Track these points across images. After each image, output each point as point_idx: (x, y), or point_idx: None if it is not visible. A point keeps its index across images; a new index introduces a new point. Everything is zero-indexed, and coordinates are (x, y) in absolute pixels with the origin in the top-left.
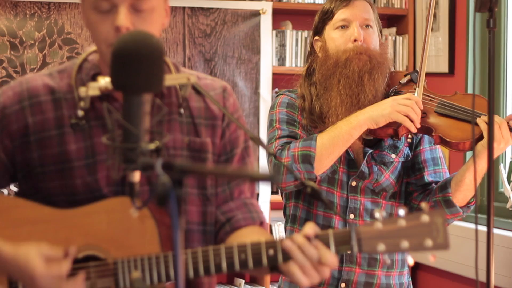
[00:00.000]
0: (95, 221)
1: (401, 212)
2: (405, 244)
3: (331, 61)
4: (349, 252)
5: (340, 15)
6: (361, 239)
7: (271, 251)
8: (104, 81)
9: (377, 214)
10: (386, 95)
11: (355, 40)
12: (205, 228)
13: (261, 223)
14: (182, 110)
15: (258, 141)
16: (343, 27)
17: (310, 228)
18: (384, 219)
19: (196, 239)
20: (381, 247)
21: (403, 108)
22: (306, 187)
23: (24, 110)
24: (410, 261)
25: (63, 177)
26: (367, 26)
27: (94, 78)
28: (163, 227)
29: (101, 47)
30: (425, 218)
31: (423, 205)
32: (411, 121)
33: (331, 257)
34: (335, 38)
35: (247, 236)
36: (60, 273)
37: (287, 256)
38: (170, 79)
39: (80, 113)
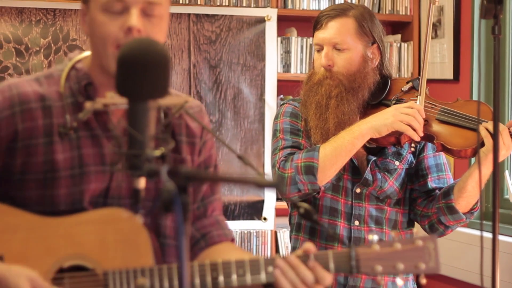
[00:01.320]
0: (84, 230)
1: (393, 234)
2: (400, 266)
3: (312, 81)
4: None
5: (315, 38)
6: (359, 260)
7: (270, 268)
8: (111, 97)
9: (370, 237)
10: (388, 103)
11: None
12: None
13: (232, 239)
14: (163, 128)
15: (245, 160)
16: (318, 50)
17: (309, 247)
18: (380, 241)
19: (172, 254)
20: (379, 268)
21: (405, 118)
22: (299, 208)
23: (14, 116)
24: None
25: (44, 186)
26: (338, 49)
27: (86, 88)
28: (155, 241)
29: (107, 49)
30: (419, 242)
31: (415, 230)
32: (414, 130)
33: (328, 278)
34: (315, 60)
35: (223, 252)
36: None
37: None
38: (171, 101)
39: (71, 122)
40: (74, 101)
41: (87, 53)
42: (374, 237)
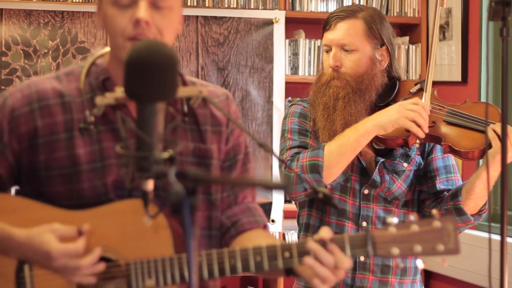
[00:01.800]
0: (107, 223)
1: (412, 217)
2: (418, 248)
3: (320, 82)
4: (362, 259)
5: (324, 39)
6: (376, 243)
7: (286, 254)
8: (121, 91)
9: (389, 219)
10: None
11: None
12: (211, 232)
13: (265, 226)
14: (186, 119)
15: (266, 148)
16: (327, 51)
17: (326, 232)
18: (397, 224)
19: (202, 244)
20: (395, 251)
21: (410, 114)
22: (317, 193)
23: (33, 113)
24: (421, 264)
25: (69, 181)
26: (346, 50)
27: (104, 83)
28: (176, 233)
29: (118, 41)
30: (437, 223)
31: (434, 211)
32: (419, 126)
33: (346, 261)
34: (323, 61)
35: (253, 239)
36: (76, 250)
37: (302, 259)
38: (182, 92)
39: (91, 118)
40: (93, 96)
41: (108, 49)
42: (393, 220)
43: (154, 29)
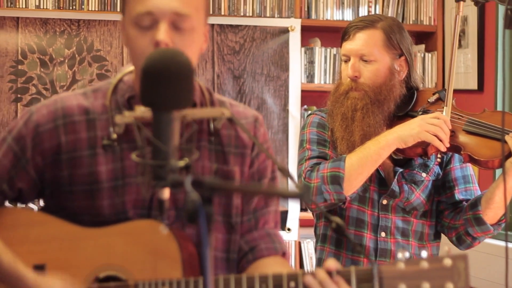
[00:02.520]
0: (119, 242)
1: (424, 253)
2: (426, 286)
3: (338, 92)
4: None
5: (343, 49)
6: (383, 278)
7: (292, 284)
8: (140, 111)
9: (399, 255)
10: (415, 114)
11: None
12: (229, 255)
13: (284, 254)
14: (212, 139)
15: (286, 173)
16: (345, 61)
17: (332, 263)
18: (406, 260)
19: (220, 267)
20: (403, 287)
21: (432, 128)
22: (331, 222)
23: (57, 129)
24: None
25: (90, 197)
26: (365, 60)
27: (129, 101)
28: (186, 253)
29: (138, 62)
30: (447, 261)
31: (446, 248)
32: (440, 140)
33: None
34: (342, 70)
35: (269, 266)
36: None
37: None
38: (205, 113)
39: (113, 136)
40: (118, 114)
41: None
42: (406, 254)
43: None
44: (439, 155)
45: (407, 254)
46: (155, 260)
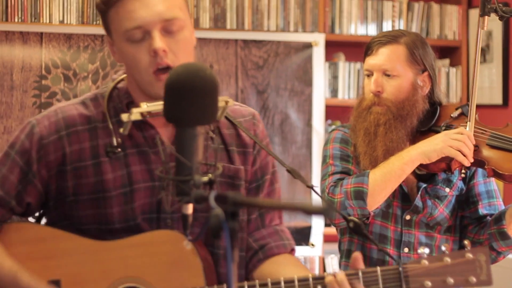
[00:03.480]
0: (136, 253)
1: (443, 248)
2: (450, 281)
3: (361, 107)
4: None
5: (366, 64)
6: (408, 276)
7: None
8: (146, 106)
9: (421, 250)
10: (438, 130)
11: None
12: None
13: (292, 250)
14: (213, 135)
15: (295, 174)
16: (368, 76)
17: (359, 262)
18: (430, 256)
19: (241, 268)
20: (428, 284)
21: (456, 143)
22: (348, 222)
23: (61, 140)
24: None
25: (98, 206)
26: (388, 75)
27: (128, 106)
28: (206, 261)
29: (142, 76)
30: (469, 255)
31: (466, 242)
32: (464, 155)
33: None
34: (364, 85)
35: (281, 264)
36: None
37: None
38: None
39: (117, 141)
40: (118, 120)
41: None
42: (425, 250)
43: (171, 55)
44: (463, 170)
45: (426, 250)
46: (175, 270)
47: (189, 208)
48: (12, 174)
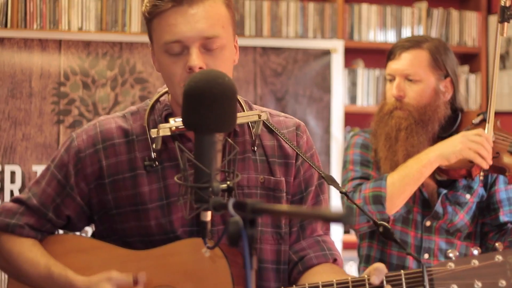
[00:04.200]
0: (169, 262)
1: (475, 251)
2: (478, 284)
3: (382, 112)
4: None
5: (388, 68)
6: (433, 279)
7: None
8: (175, 122)
9: (450, 254)
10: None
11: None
12: (279, 267)
13: (335, 260)
14: (255, 148)
15: (330, 180)
16: (390, 80)
17: (382, 268)
18: (457, 258)
19: (271, 278)
20: (454, 287)
21: (474, 145)
22: (378, 227)
23: (98, 153)
24: None
25: (138, 218)
26: (410, 80)
27: (166, 119)
28: (236, 267)
29: (175, 89)
30: (498, 257)
31: (497, 244)
32: (482, 157)
33: None
34: (386, 90)
35: (320, 274)
36: None
37: None
38: (241, 117)
39: (154, 154)
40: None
41: None
42: (455, 253)
43: None
44: (481, 173)
45: (457, 253)
46: (205, 277)
47: (208, 216)
48: (50, 187)
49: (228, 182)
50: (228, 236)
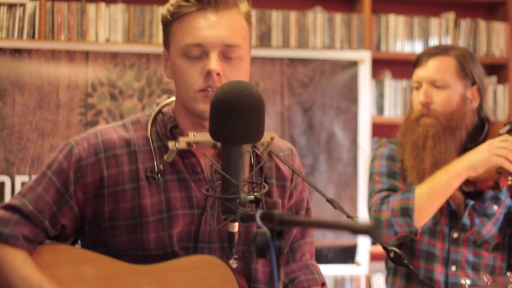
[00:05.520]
0: (176, 278)
1: (485, 279)
2: None
3: (409, 120)
4: None
5: (415, 75)
6: None
7: None
8: (194, 135)
9: (463, 281)
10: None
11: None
12: None
13: (323, 284)
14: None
15: (335, 204)
16: (417, 88)
17: None
18: (493, 283)
19: None
20: None
21: (501, 151)
22: (388, 252)
23: (100, 163)
24: None
25: (134, 231)
26: (437, 87)
27: (171, 131)
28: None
29: (188, 92)
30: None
31: (509, 273)
32: (511, 162)
33: None
34: (413, 98)
35: None
36: None
37: None
38: None
39: (157, 166)
40: (161, 145)
41: (174, 98)
42: (467, 281)
43: (224, 80)
44: (510, 179)
45: (468, 281)
46: None
47: (235, 227)
48: (48, 194)
49: (256, 193)
50: (255, 247)
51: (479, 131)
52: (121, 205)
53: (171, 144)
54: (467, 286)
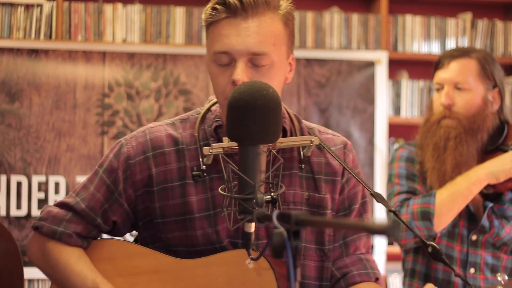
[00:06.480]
0: (214, 272)
1: (499, 278)
2: None
3: (429, 122)
4: None
5: (436, 77)
6: None
7: None
8: (227, 141)
9: (499, 277)
10: (506, 148)
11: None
12: (322, 283)
13: (377, 279)
14: (302, 165)
15: (378, 198)
16: (438, 90)
17: None
18: (506, 283)
19: None
20: None
21: None
22: (427, 247)
23: (148, 161)
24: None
25: (183, 228)
26: (459, 89)
27: (216, 130)
28: (282, 279)
29: (219, 99)
30: None
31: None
32: None
33: None
34: (434, 100)
35: None
36: None
37: None
38: (294, 141)
39: (203, 165)
40: (206, 144)
41: None
42: (503, 276)
43: None
44: None
45: (505, 277)
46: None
47: (252, 227)
48: (99, 192)
49: (272, 194)
50: (272, 247)
51: (499, 133)
52: (170, 202)
53: (206, 150)
54: (502, 281)
